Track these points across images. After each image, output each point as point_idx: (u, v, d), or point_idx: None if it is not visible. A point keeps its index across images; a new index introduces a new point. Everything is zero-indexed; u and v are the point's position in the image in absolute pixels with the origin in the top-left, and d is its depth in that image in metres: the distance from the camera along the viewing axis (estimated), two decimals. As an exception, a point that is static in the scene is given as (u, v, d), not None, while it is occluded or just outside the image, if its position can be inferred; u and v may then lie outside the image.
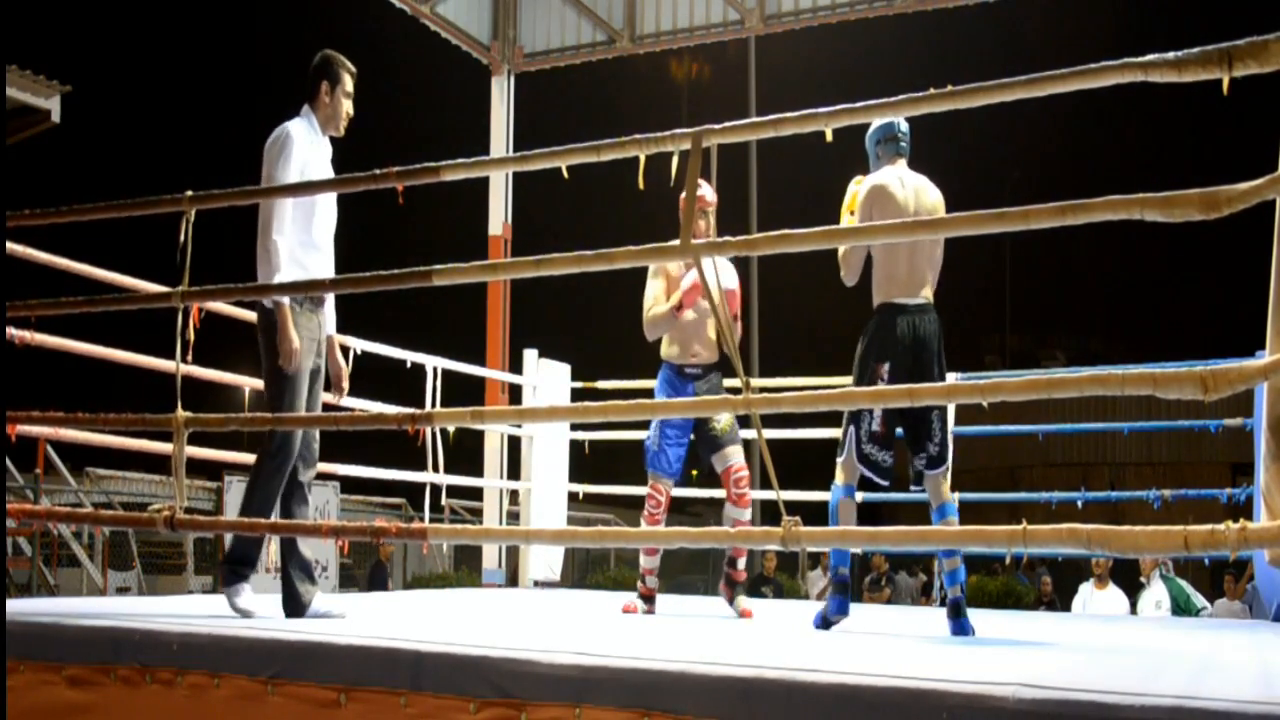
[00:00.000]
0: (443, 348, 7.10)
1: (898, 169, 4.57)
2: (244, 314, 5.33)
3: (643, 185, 3.31)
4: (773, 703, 2.55)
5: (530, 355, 8.04)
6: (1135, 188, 2.74)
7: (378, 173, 3.76)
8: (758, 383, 5.54)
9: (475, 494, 10.82)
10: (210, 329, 4.25)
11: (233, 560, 4.19)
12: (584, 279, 4.06)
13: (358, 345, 6.34)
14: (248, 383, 5.97)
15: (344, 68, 4.45)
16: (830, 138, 3.24)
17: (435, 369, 6.89)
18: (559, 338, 10.69)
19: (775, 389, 7.23)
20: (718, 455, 5.28)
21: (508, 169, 8.14)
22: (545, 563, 7.95)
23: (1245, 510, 6.28)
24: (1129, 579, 9.09)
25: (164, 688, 3.22)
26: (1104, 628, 5.31)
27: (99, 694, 3.29)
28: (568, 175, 3.53)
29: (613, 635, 3.80)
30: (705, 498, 8.33)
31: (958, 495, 4.60)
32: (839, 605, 4.39)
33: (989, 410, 3.43)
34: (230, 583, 4.12)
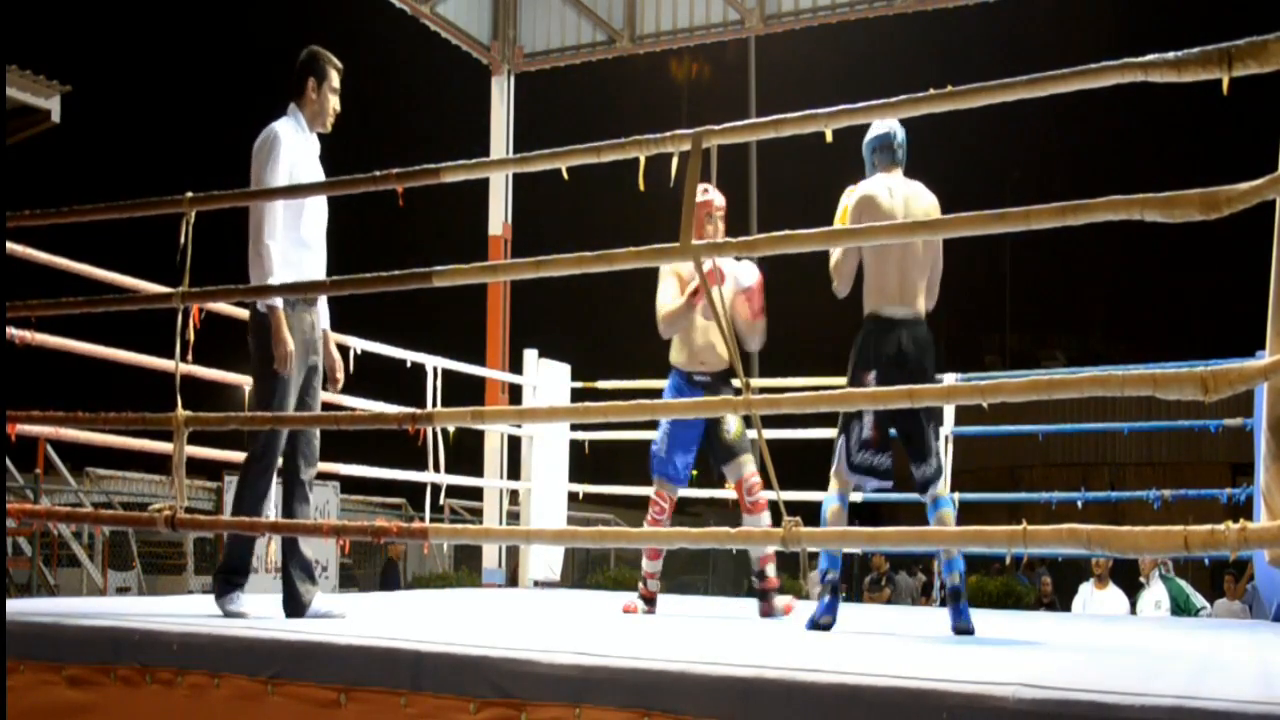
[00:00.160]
0: (443, 348, 7.10)
1: (890, 178, 4.54)
2: (244, 314, 5.30)
3: (643, 186, 3.32)
4: (773, 703, 2.55)
5: (530, 355, 8.04)
6: (1135, 188, 2.74)
7: (378, 174, 3.76)
8: (758, 383, 5.53)
9: (475, 494, 10.83)
10: (210, 329, 4.25)
11: (226, 570, 4.16)
12: (584, 279, 4.05)
13: (358, 345, 6.34)
14: (248, 382, 5.94)
15: (330, 64, 4.38)
16: (830, 138, 3.24)
17: (435, 369, 6.89)
18: (559, 338, 10.69)
19: (775, 390, 7.23)
20: (730, 465, 5.23)
21: (508, 170, 8.13)
22: (545, 563, 7.95)
23: (1245, 510, 6.28)
24: (1129, 579, 9.09)
25: (164, 688, 3.22)
26: (1104, 628, 5.31)
27: (99, 694, 3.29)
28: (568, 176, 3.53)
29: (613, 635, 3.80)
30: (705, 498, 8.34)
31: (958, 495, 4.60)
32: (828, 607, 4.32)
33: (989, 410, 3.43)
34: (224, 593, 4.10)
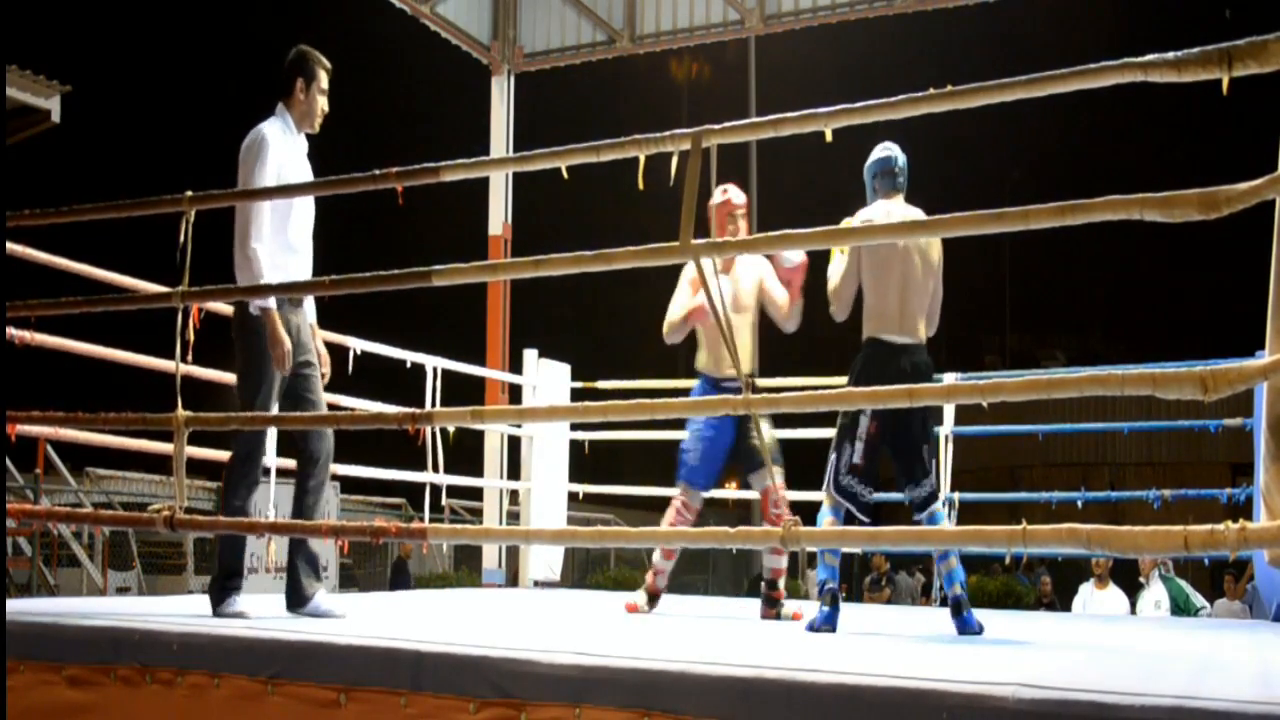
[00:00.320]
0: (443, 348, 7.09)
1: (890, 204, 4.52)
2: (232, 311, 5.31)
3: (643, 185, 3.31)
4: (773, 703, 2.55)
5: (530, 355, 8.04)
6: (1135, 188, 2.74)
7: (378, 173, 3.76)
8: (759, 384, 5.52)
9: (475, 494, 10.81)
10: (210, 329, 4.25)
11: (222, 577, 4.14)
12: (584, 279, 4.06)
13: (358, 345, 6.34)
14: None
15: (320, 64, 4.36)
16: (830, 138, 3.24)
17: (435, 369, 6.89)
18: (559, 338, 10.71)
19: (775, 389, 7.23)
20: (756, 474, 5.16)
21: (508, 169, 8.14)
22: (545, 563, 7.94)
23: (1245, 510, 6.28)
24: (1129, 579, 9.09)
25: (164, 688, 3.22)
26: (1104, 628, 5.31)
27: (99, 694, 3.29)
28: (568, 175, 3.53)
29: (613, 635, 3.80)
30: (705, 498, 8.32)
31: (958, 495, 4.60)
32: (828, 617, 4.26)
33: (989, 410, 3.43)
34: (221, 599, 4.07)
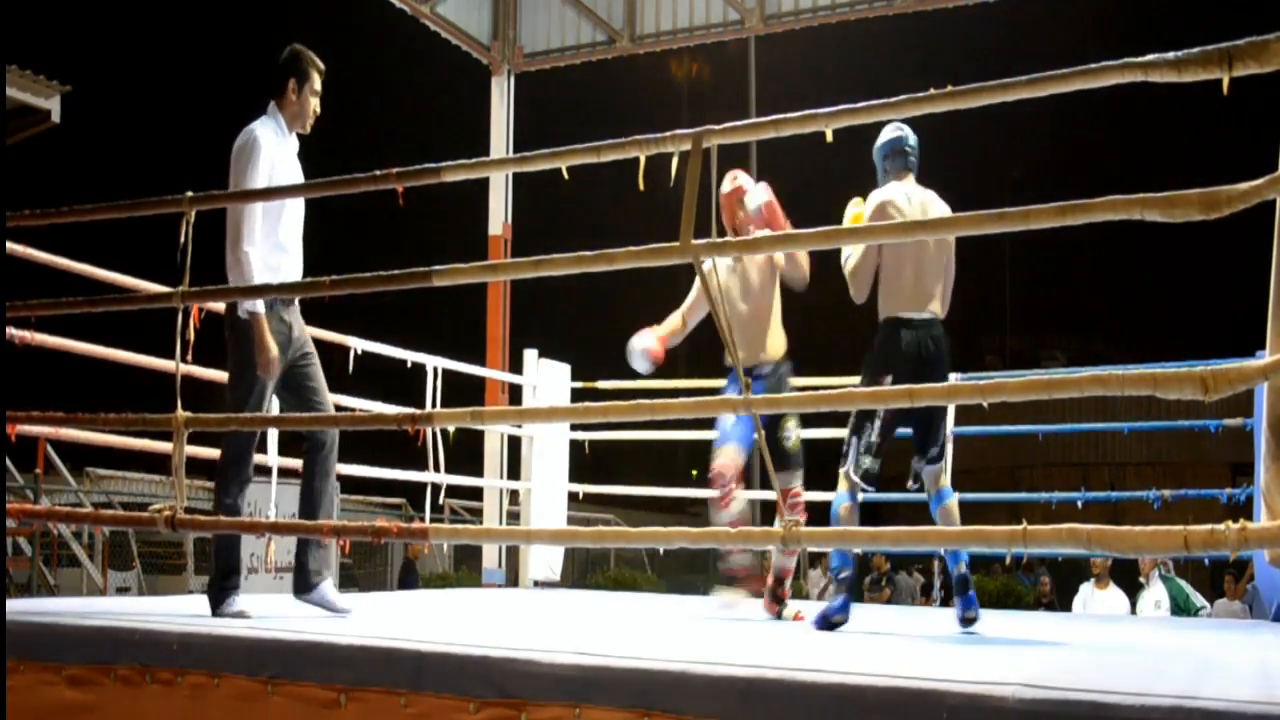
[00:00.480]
0: (443, 348, 7.09)
1: (905, 185, 4.54)
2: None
3: (643, 186, 3.31)
4: (773, 703, 2.55)
5: (530, 355, 8.04)
6: (1135, 188, 2.74)
7: (378, 173, 3.76)
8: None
9: (475, 494, 10.82)
10: (210, 329, 4.25)
11: (220, 577, 4.13)
12: (584, 279, 4.05)
13: (358, 345, 6.34)
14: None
15: (313, 65, 4.35)
16: (830, 138, 3.24)
17: (435, 369, 6.89)
18: (559, 338, 10.68)
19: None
20: (783, 474, 5.05)
21: (508, 169, 8.13)
22: (545, 563, 7.94)
23: (1245, 510, 6.28)
24: (1129, 579, 9.09)
25: (164, 688, 3.22)
26: (1104, 628, 5.31)
27: (99, 694, 3.29)
28: (568, 175, 3.53)
29: (613, 635, 3.80)
30: (705, 498, 8.32)
31: (957, 495, 4.60)
32: (842, 605, 4.33)
33: (989, 410, 3.43)
34: (220, 600, 4.07)
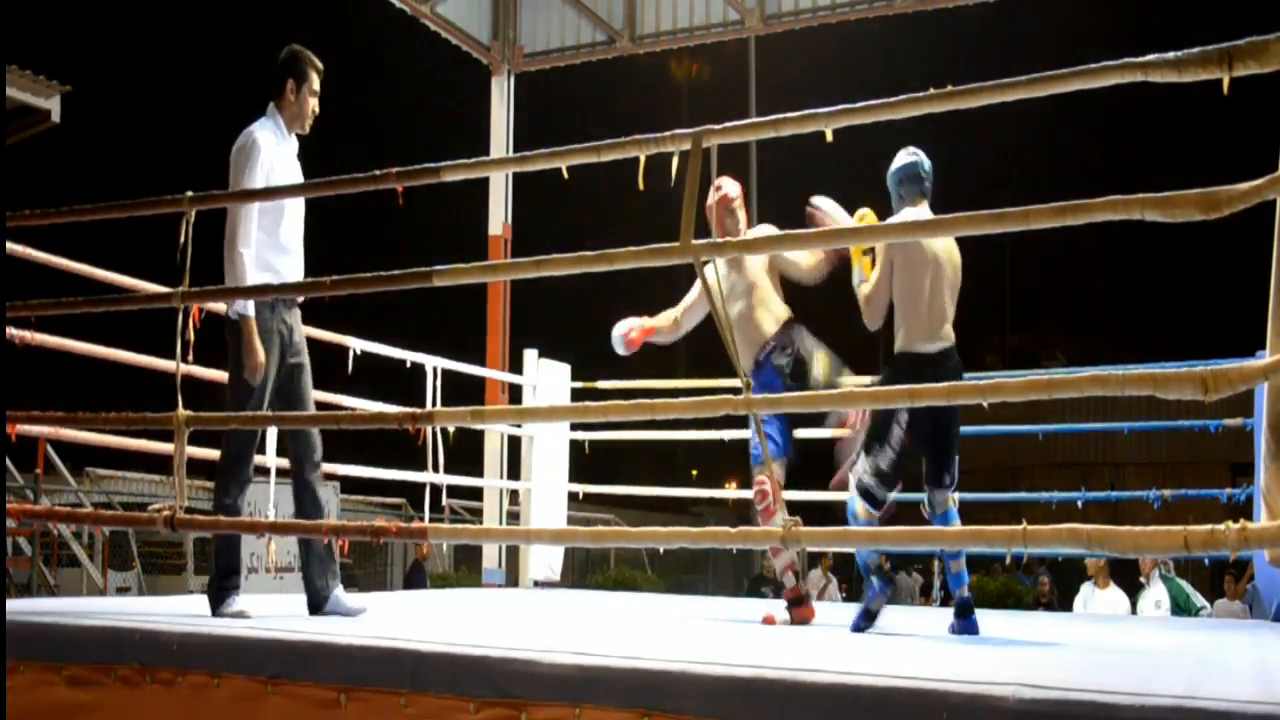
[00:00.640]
0: (443, 348, 7.09)
1: (920, 211, 4.47)
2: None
3: (643, 186, 3.31)
4: (773, 703, 2.55)
5: (530, 355, 8.04)
6: (1135, 188, 2.74)
7: (378, 173, 3.76)
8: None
9: (475, 494, 10.81)
10: (210, 329, 4.25)
11: (219, 578, 4.13)
12: (584, 279, 4.05)
13: (358, 345, 6.34)
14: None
15: (311, 65, 4.35)
16: (830, 138, 3.24)
17: (435, 369, 6.89)
18: (559, 338, 10.67)
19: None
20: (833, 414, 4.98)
21: (508, 169, 8.13)
22: (545, 563, 7.94)
23: (1245, 510, 6.28)
24: (1130, 579, 9.09)
25: (164, 688, 3.22)
26: (1104, 628, 5.31)
27: (99, 694, 3.29)
28: (568, 175, 3.53)
29: (613, 635, 3.80)
30: (705, 498, 8.33)
31: (958, 495, 4.60)
32: (881, 587, 4.32)
33: (989, 410, 3.43)
34: (220, 600, 4.08)
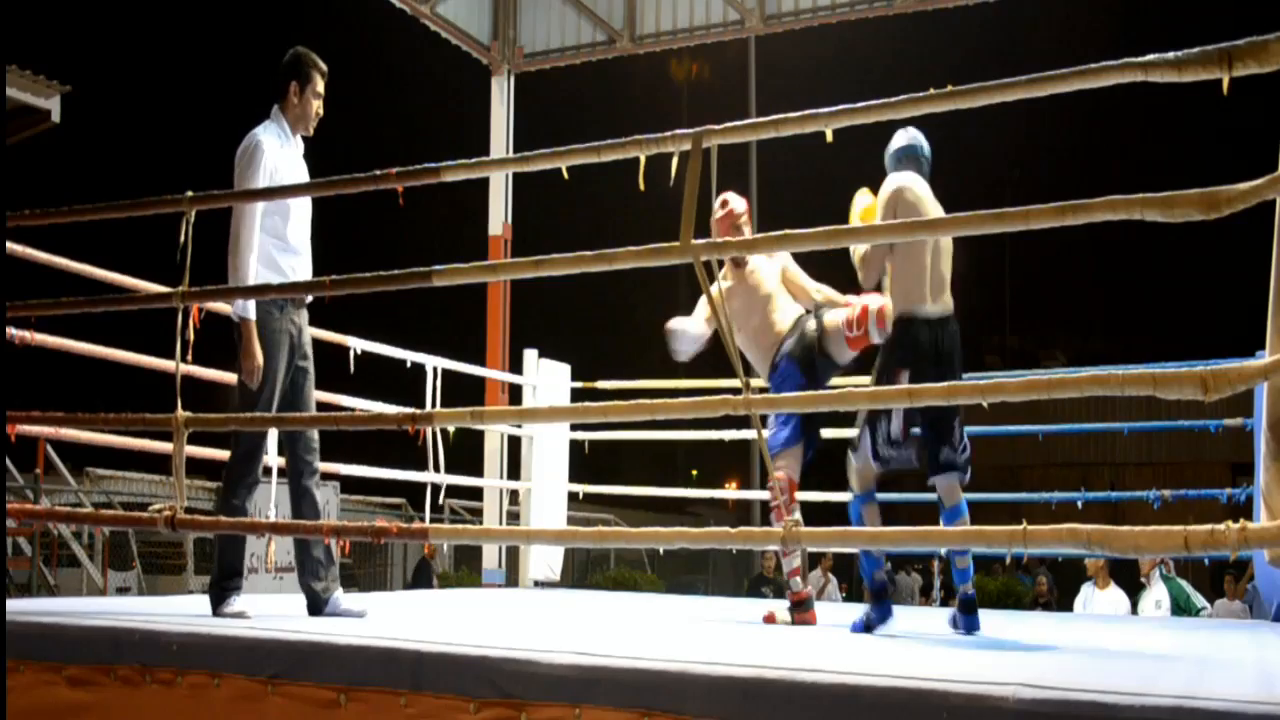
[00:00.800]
0: (443, 348, 7.09)
1: (917, 178, 4.45)
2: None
3: (643, 186, 3.32)
4: (773, 703, 2.55)
5: (530, 355, 8.04)
6: (1135, 188, 2.74)
7: (378, 173, 3.76)
8: (757, 383, 5.51)
9: (475, 494, 10.82)
10: (210, 329, 4.25)
11: (221, 578, 4.14)
12: (584, 279, 4.05)
13: (358, 345, 6.34)
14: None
15: (314, 67, 4.36)
16: (830, 138, 3.24)
17: (435, 369, 6.89)
18: (559, 338, 10.68)
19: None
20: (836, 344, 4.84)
21: (508, 169, 8.13)
22: (545, 563, 7.95)
23: (1245, 510, 6.27)
24: (1130, 579, 9.08)
25: (164, 688, 3.22)
26: (1104, 628, 5.31)
27: (99, 694, 3.29)
28: (568, 175, 3.53)
29: (613, 635, 3.80)
30: (705, 498, 8.32)
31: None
32: (881, 613, 4.29)
33: (989, 410, 3.43)
34: (220, 600, 4.08)
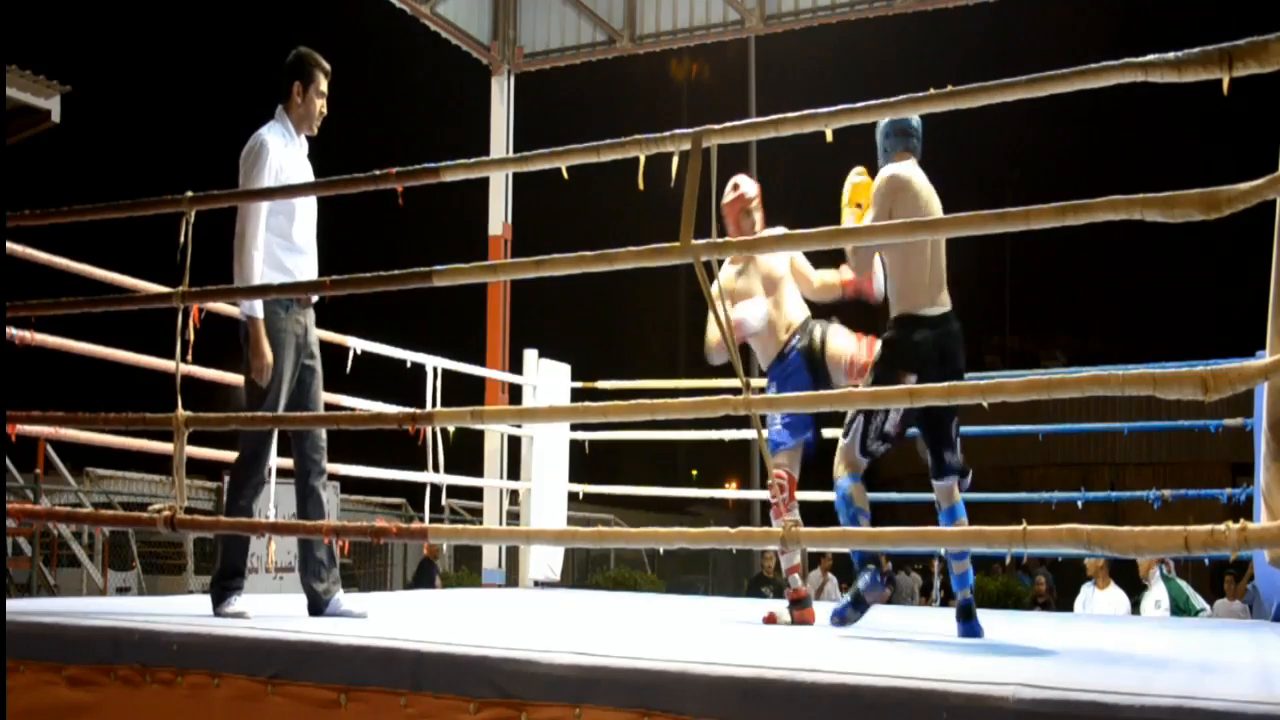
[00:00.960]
0: (443, 348, 7.10)
1: (908, 165, 4.36)
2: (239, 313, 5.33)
3: (643, 186, 3.31)
4: (773, 703, 2.55)
5: (530, 355, 8.04)
6: (1135, 188, 2.74)
7: (378, 173, 3.76)
8: (757, 383, 5.51)
9: (475, 494, 10.81)
10: (210, 329, 4.25)
11: (223, 577, 4.14)
12: (584, 279, 4.05)
13: (358, 345, 6.34)
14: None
15: (318, 66, 4.36)
16: (830, 138, 3.24)
17: (435, 369, 6.89)
18: (559, 338, 10.68)
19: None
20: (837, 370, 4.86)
21: (508, 169, 8.13)
22: (545, 563, 7.95)
23: (1245, 510, 6.27)
24: (1130, 579, 9.08)
25: (164, 688, 3.22)
26: (1104, 628, 5.31)
27: (99, 694, 3.29)
28: (568, 175, 3.53)
29: (613, 635, 3.80)
30: (705, 498, 8.32)
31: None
32: (871, 580, 4.16)
33: (989, 410, 3.43)
34: (221, 598, 4.08)
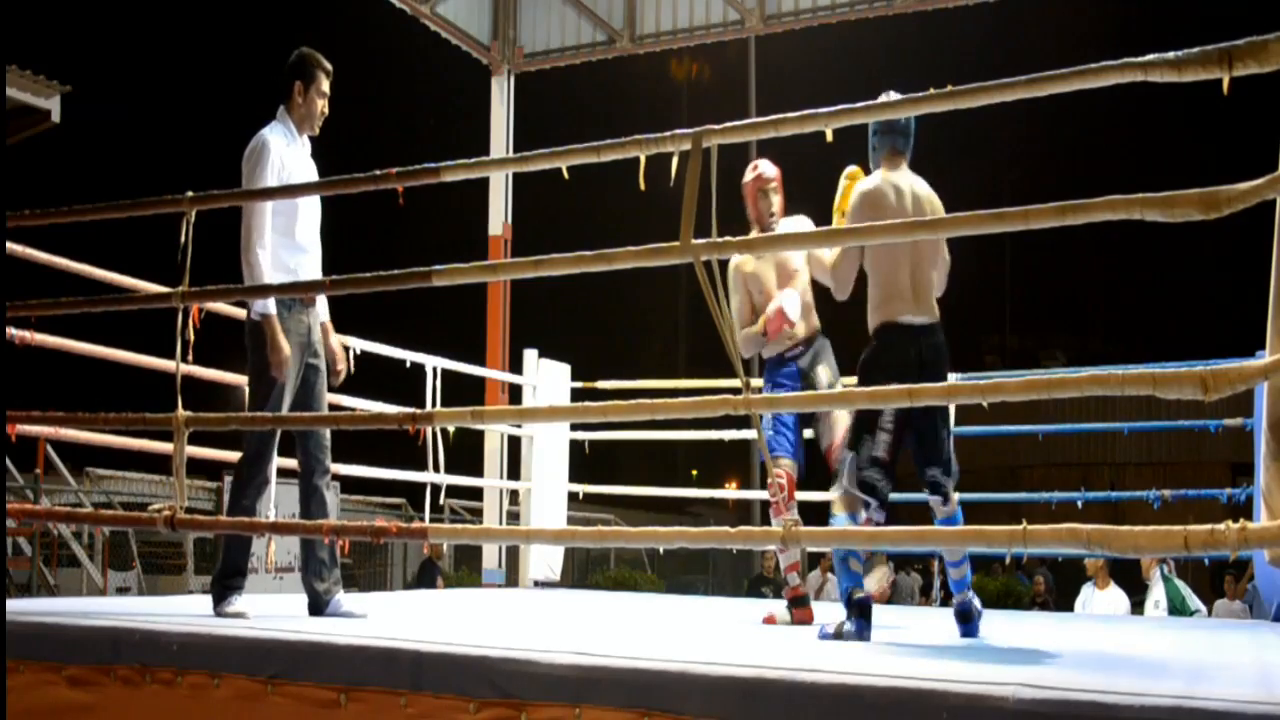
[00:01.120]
0: (443, 348, 7.09)
1: (894, 173, 4.32)
2: (244, 314, 5.32)
3: (643, 186, 3.32)
4: (773, 703, 2.55)
5: (530, 355, 8.04)
6: (1135, 188, 2.74)
7: (378, 173, 3.76)
8: (757, 383, 5.51)
9: (475, 494, 10.82)
10: (210, 329, 4.25)
11: (224, 576, 4.14)
12: (584, 279, 4.06)
13: (358, 345, 6.33)
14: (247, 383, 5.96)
15: (319, 66, 4.36)
16: (830, 138, 3.24)
17: (435, 369, 6.89)
18: (559, 338, 10.69)
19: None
20: (825, 426, 4.95)
21: (508, 169, 8.13)
22: (545, 563, 7.95)
23: (1245, 510, 6.27)
24: (1130, 579, 9.08)
25: (164, 688, 3.22)
26: (1104, 628, 5.31)
27: (99, 694, 3.29)
28: (568, 175, 3.53)
29: (613, 635, 3.80)
30: (705, 498, 8.32)
31: (958, 495, 4.58)
32: (859, 630, 3.98)
33: (989, 410, 3.43)
34: (222, 597, 4.09)
